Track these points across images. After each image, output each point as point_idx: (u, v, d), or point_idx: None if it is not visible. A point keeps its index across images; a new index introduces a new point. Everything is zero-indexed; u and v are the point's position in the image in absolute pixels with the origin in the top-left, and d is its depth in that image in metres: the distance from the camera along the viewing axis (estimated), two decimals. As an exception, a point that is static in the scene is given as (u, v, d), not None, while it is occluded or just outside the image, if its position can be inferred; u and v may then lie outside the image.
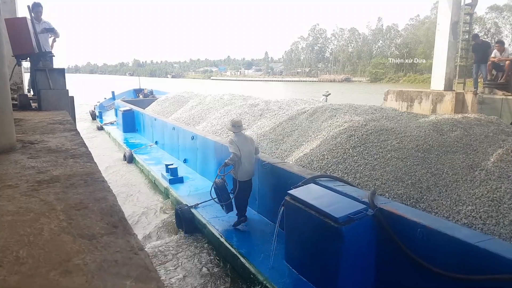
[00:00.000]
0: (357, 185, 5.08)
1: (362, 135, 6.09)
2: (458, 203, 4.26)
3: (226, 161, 5.88)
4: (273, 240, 4.86)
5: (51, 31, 7.57)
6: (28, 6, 6.73)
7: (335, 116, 7.67)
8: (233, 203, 6.08)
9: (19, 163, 2.32)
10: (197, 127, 10.60)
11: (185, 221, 6.57)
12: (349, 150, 5.90)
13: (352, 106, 8.33)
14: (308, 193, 4.46)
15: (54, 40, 7.92)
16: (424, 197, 4.58)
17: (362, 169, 5.44)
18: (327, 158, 6.00)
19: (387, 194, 4.78)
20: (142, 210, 7.82)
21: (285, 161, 6.59)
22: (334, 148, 6.11)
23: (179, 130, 10.38)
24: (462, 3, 12.59)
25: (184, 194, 7.75)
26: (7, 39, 5.64)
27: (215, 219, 6.42)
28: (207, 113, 11.74)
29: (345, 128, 6.63)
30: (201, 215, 6.58)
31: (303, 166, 6.07)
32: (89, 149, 2.78)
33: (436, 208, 4.36)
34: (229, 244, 5.51)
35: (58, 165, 2.26)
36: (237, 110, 10.24)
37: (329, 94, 15.90)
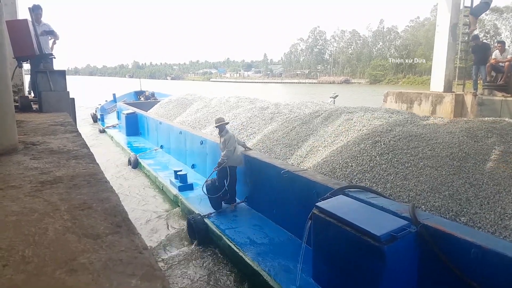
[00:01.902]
0: (389, 196, 4.73)
1: (389, 141, 5.70)
2: (504, 217, 3.88)
3: (220, 161, 6.81)
4: (299, 257, 4.52)
5: (51, 33, 7.56)
6: (29, 8, 6.74)
7: (351, 119, 7.32)
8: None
9: (22, 164, 2.33)
10: (203, 131, 10.32)
11: (199, 232, 6.24)
12: (376, 157, 5.49)
13: (368, 109, 7.97)
14: (340, 206, 4.06)
15: (54, 42, 7.91)
16: (465, 210, 4.23)
17: (392, 179, 5.02)
18: (351, 166, 5.60)
19: (423, 206, 4.46)
20: (151, 219, 7.53)
21: (302, 167, 6.22)
22: (358, 155, 5.71)
23: (186, 134, 10.05)
24: (461, 5, 12.62)
25: (195, 202, 7.42)
26: (8, 41, 5.65)
27: (231, 230, 6.07)
28: (213, 116, 11.38)
29: (368, 133, 6.25)
30: (216, 225, 6.24)
31: (325, 174, 5.72)
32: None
33: (479, 222, 4.02)
34: (249, 260, 5.13)
35: (60, 166, 2.26)
36: (247, 114, 9.89)
37: (337, 96, 15.38)
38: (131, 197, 8.84)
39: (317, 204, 4.21)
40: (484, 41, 18.46)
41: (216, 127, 6.99)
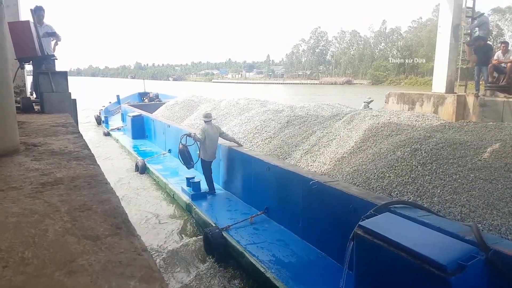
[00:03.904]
0: (438, 212, 4.21)
1: (431, 150, 5.16)
2: None
3: (192, 135, 7.79)
4: (338, 283, 4.06)
5: (52, 35, 7.61)
6: (31, 10, 6.76)
7: (377, 123, 6.83)
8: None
9: (23, 165, 2.33)
10: None
11: (217, 247, 5.74)
12: (417, 167, 4.97)
13: (394, 113, 7.52)
14: (389, 226, 3.51)
15: (56, 43, 7.96)
16: None
17: (440, 192, 4.50)
18: (389, 176, 5.09)
19: (479, 225, 3.97)
20: (163, 230, 7.04)
21: (327, 175, 5.78)
22: (396, 164, 5.19)
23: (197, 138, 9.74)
24: (463, 6, 12.60)
25: (210, 212, 6.99)
26: (10, 43, 5.67)
27: (253, 246, 5.57)
28: (223, 119, 11.10)
29: (404, 140, 5.74)
30: (236, 240, 5.75)
31: (358, 185, 5.21)
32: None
33: (547, 245, 3.46)
34: (280, 284, 4.57)
35: (61, 167, 2.27)
36: (261, 117, 9.39)
37: (372, 101, 13.57)
38: (140, 205, 8.43)
39: (361, 223, 3.65)
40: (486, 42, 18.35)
41: (205, 122, 7.98)
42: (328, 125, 7.58)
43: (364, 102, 13.42)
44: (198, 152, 7.85)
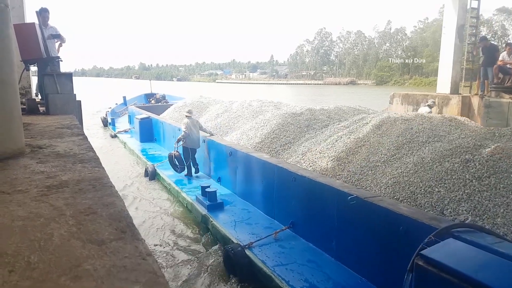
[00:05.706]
0: (504, 235, 3.73)
1: (486, 161, 4.58)
2: None
3: (179, 137, 9.31)
4: None
5: (57, 37, 7.65)
6: (36, 11, 6.81)
7: (411, 129, 6.28)
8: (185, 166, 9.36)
9: (29, 168, 2.35)
10: (226, 138, 9.53)
11: (239, 267, 5.15)
12: (471, 181, 4.42)
13: (425, 117, 6.94)
14: (457, 256, 2.98)
15: (60, 45, 8.00)
16: None
17: (503, 212, 3.97)
18: (439, 191, 4.52)
19: None
20: (178, 244, 6.61)
21: (360, 186, 5.29)
22: (445, 177, 4.63)
23: (211, 143, 9.12)
24: (468, 6, 12.56)
25: (229, 226, 6.40)
26: (16, 44, 5.71)
27: (281, 268, 4.90)
28: (236, 122, 10.68)
29: (451, 149, 5.16)
30: (261, 260, 5.11)
31: (401, 200, 4.68)
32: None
33: None
34: None
35: (66, 170, 2.28)
36: (278, 120, 8.81)
37: (434, 105, 12.21)
38: (152, 212, 8.02)
39: (422, 252, 3.13)
40: (492, 42, 18.19)
41: (186, 116, 9.36)
42: (355, 130, 6.97)
43: (427, 105, 12.43)
44: (181, 142, 9.37)
